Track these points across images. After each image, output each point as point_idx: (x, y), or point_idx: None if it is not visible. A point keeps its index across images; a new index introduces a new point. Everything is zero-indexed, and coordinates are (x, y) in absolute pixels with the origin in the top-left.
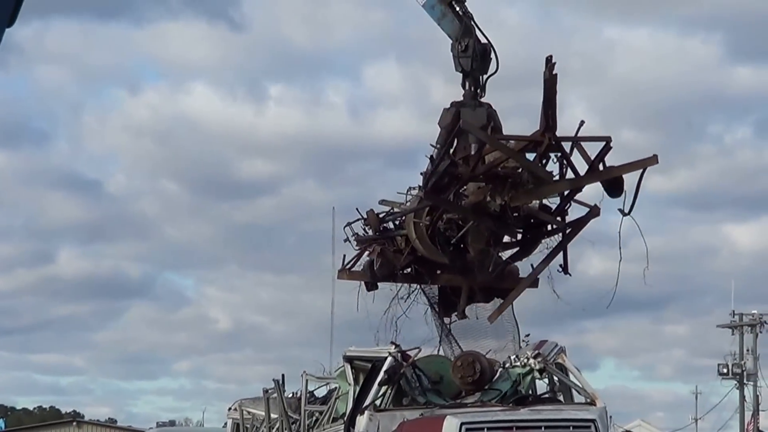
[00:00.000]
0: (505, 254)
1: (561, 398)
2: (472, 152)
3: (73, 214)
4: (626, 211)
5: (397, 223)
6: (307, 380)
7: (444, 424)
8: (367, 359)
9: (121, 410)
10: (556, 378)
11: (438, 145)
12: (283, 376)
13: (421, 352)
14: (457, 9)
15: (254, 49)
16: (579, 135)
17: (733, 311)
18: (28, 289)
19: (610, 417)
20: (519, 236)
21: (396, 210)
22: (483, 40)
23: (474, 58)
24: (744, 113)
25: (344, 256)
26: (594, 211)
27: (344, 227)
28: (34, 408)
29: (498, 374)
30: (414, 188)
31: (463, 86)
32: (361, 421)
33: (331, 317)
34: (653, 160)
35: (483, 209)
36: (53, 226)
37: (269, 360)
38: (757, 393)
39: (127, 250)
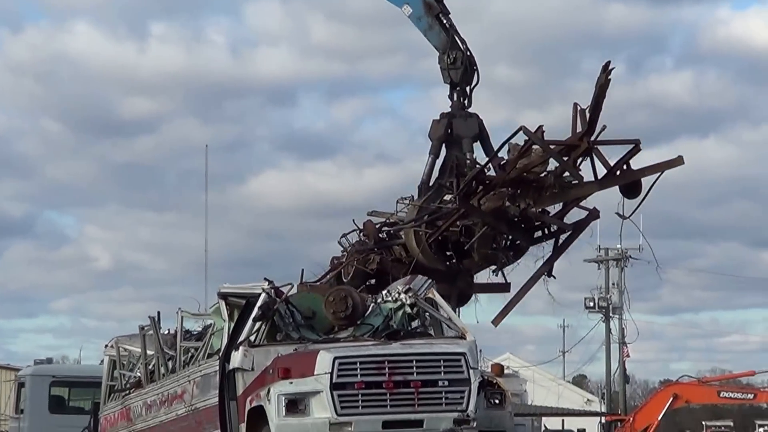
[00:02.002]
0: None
1: (432, 332)
2: (468, 161)
3: None
4: (626, 215)
5: (392, 232)
6: (182, 317)
7: (317, 358)
8: (241, 296)
9: (0, 349)
10: (426, 312)
11: (432, 156)
12: (158, 313)
13: (293, 288)
14: (444, 21)
15: None
16: (608, 139)
17: (599, 246)
18: None
19: (480, 350)
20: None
21: (391, 220)
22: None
23: (464, 71)
24: (617, 50)
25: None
26: (594, 214)
27: (339, 238)
28: None
29: (370, 309)
30: (405, 198)
31: (451, 98)
32: (236, 356)
33: (205, 255)
34: (679, 161)
35: (501, 214)
36: None
37: (148, 297)
38: (623, 326)
39: (7, 190)
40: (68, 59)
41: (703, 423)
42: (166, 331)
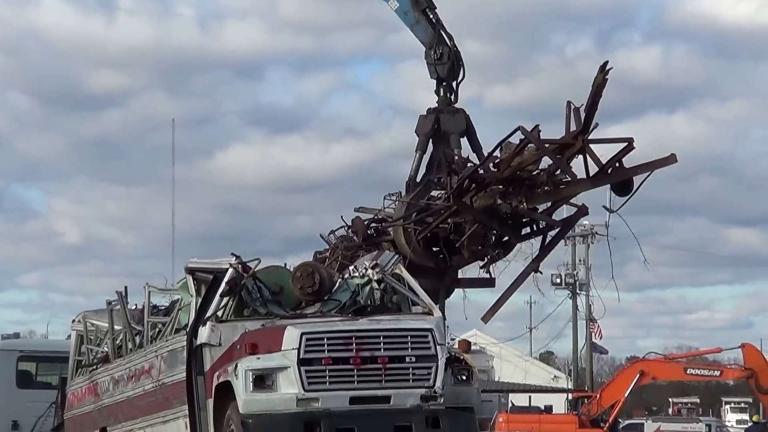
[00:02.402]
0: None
1: (399, 308)
2: (456, 156)
3: None
4: (612, 208)
5: (380, 229)
6: (149, 292)
7: (285, 334)
8: (208, 271)
9: None
10: (394, 288)
11: (420, 152)
12: (126, 288)
13: (261, 263)
14: (431, 16)
15: None
16: (601, 137)
17: None
18: None
19: (447, 326)
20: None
21: (379, 216)
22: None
23: (450, 66)
24: (585, 24)
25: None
26: (582, 210)
27: (328, 234)
28: None
29: (337, 285)
30: (393, 194)
31: (437, 93)
32: (204, 331)
33: (172, 230)
34: (672, 159)
35: (493, 212)
36: None
37: (116, 272)
38: (590, 302)
39: None
40: (36, 33)
41: (670, 399)
42: (134, 306)
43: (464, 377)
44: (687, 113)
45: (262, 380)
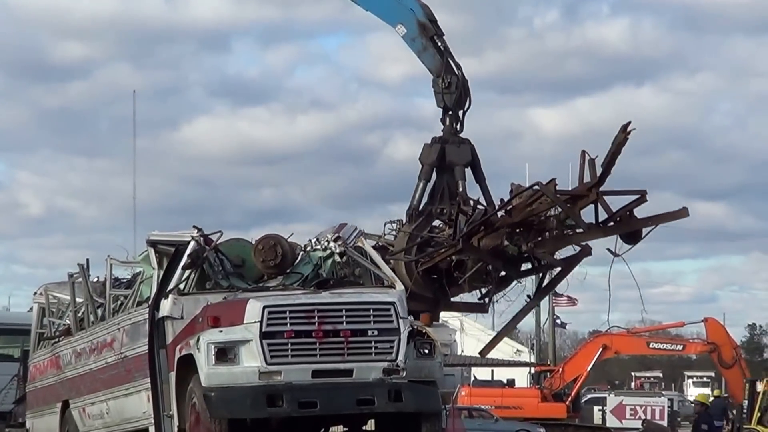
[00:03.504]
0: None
1: (361, 282)
2: (459, 189)
3: None
4: (618, 252)
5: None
6: (111, 264)
7: (247, 307)
8: (170, 243)
9: None
10: (356, 261)
11: (423, 181)
12: (87, 260)
13: (222, 236)
14: (439, 44)
15: None
16: (615, 189)
17: None
18: None
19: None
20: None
21: (380, 244)
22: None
23: (458, 96)
24: None
25: None
26: (585, 251)
27: None
28: None
29: (299, 258)
30: (394, 222)
31: (443, 122)
32: (166, 304)
33: (133, 202)
34: (683, 213)
35: (499, 253)
36: None
37: (79, 245)
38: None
39: None
40: (1, 3)
41: (633, 374)
42: (96, 279)
43: (427, 351)
44: (654, 86)
45: (225, 353)
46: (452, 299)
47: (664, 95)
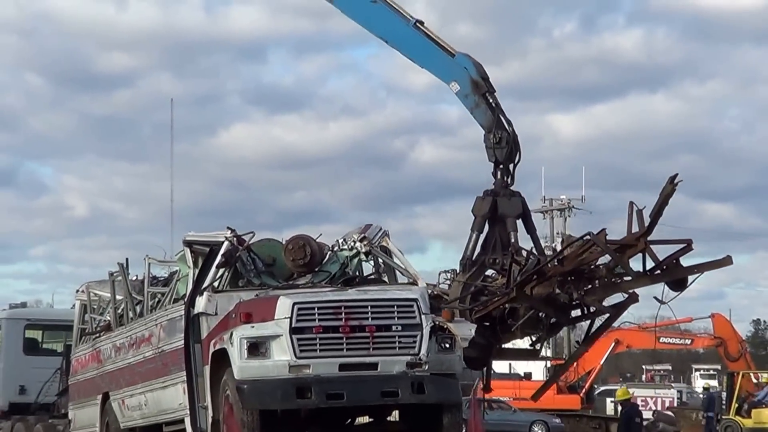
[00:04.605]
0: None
1: (386, 279)
2: (512, 239)
3: None
4: (664, 300)
5: (435, 305)
6: (149, 263)
7: (277, 303)
8: (205, 243)
9: None
10: (381, 260)
11: (476, 232)
12: (126, 259)
13: (254, 236)
14: (490, 100)
15: None
16: (662, 239)
17: (544, 197)
18: None
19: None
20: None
21: (435, 292)
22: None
23: (509, 151)
24: (572, 8)
25: None
26: (633, 297)
27: None
28: None
29: (327, 257)
30: (447, 272)
31: (494, 175)
32: (201, 301)
33: (171, 204)
34: (727, 261)
35: (551, 301)
36: None
37: (120, 245)
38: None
39: None
40: (51, 17)
41: (644, 367)
42: (135, 277)
43: (448, 345)
44: (667, 92)
45: (256, 348)
46: (504, 345)
47: (676, 101)
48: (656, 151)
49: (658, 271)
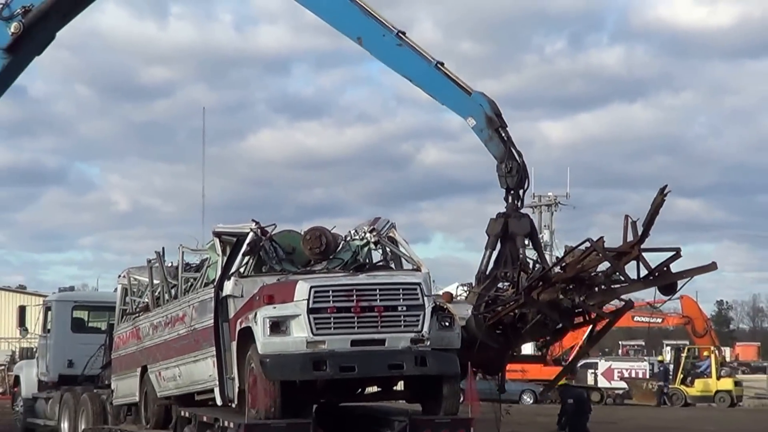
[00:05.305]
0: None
1: (392, 266)
2: (521, 255)
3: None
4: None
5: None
6: (183, 252)
7: (296, 287)
8: (232, 234)
9: (33, 278)
10: (388, 249)
11: (489, 250)
12: (163, 248)
13: (276, 228)
14: (502, 134)
15: None
16: (653, 247)
17: (534, 194)
18: None
19: (433, 281)
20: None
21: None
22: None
23: (519, 179)
24: (562, 27)
25: None
26: (628, 304)
27: None
28: None
29: (341, 246)
30: (465, 285)
31: (506, 200)
32: (228, 285)
33: (202, 200)
34: (712, 267)
35: (555, 305)
36: None
37: (158, 235)
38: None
39: (45, 144)
40: (99, 34)
41: (620, 342)
42: (170, 264)
43: (447, 323)
44: (645, 102)
45: (278, 326)
46: (514, 353)
47: (652, 110)
48: (634, 154)
49: (651, 278)
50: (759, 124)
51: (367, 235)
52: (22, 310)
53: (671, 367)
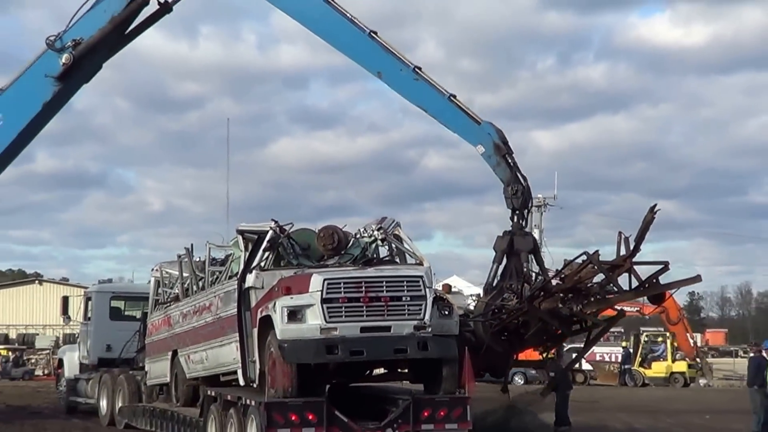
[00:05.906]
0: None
1: (398, 260)
2: (524, 269)
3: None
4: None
5: (462, 320)
6: (210, 248)
7: (311, 279)
8: (254, 232)
9: (76, 272)
10: (394, 245)
11: (496, 264)
12: (192, 245)
13: (293, 226)
14: (509, 160)
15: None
16: (644, 260)
17: None
18: (11, 181)
19: (434, 274)
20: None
21: (465, 312)
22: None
23: (523, 200)
24: (551, 46)
25: None
26: (620, 314)
27: None
28: (6, 270)
29: (351, 243)
30: (473, 296)
31: (512, 219)
32: (250, 278)
33: (227, 201)
34: (697, 279)
35: (555, 313)
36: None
37: (188, 233)
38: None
39: (88, 152)
40: (136, 52)
41: None
42: (198, 259)
43: (446, 312)
44: (626, 113)
45: (294, 314)
46: (517, 358)
47: (633, 120)
48: (616, 160)
49: (642, 288)
50: (729, 134)
51: (375, 232)
52: (65, 300)
53: (631, 351)
